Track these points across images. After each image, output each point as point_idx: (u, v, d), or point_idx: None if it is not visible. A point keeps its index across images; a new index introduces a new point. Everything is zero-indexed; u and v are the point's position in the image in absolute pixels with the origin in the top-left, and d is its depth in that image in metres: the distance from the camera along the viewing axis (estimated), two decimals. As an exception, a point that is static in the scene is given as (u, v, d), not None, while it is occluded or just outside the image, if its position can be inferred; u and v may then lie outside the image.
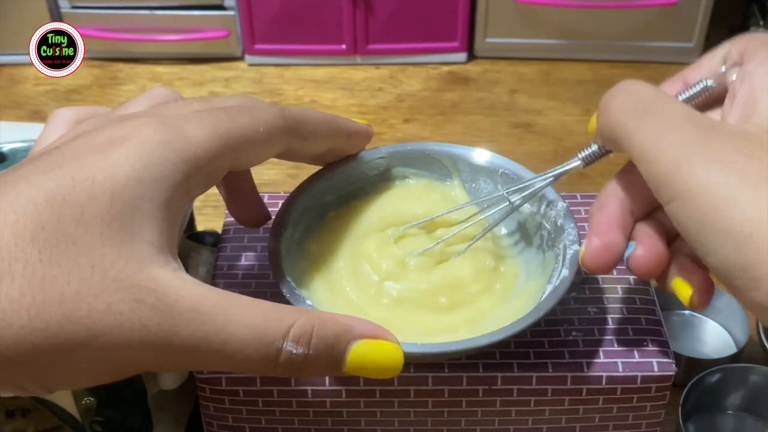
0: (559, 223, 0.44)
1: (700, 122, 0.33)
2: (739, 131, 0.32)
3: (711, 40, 1.04)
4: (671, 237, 0.39)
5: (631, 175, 0.38)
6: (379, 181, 0.48)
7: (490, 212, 0.45)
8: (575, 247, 0.42)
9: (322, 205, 0.47)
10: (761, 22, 1.03)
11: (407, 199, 0.48)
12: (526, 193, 0.44)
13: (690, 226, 0.31)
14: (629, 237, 0.39)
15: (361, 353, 0.33)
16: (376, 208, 0.47)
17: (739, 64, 0.37)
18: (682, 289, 0.37)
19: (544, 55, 1.07)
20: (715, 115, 0.38)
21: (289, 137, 0.36)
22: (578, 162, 0.41)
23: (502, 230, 0.47)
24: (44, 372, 0.29)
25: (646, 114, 0.34)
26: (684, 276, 0.37)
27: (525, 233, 0.47)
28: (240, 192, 0.42)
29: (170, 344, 0.29)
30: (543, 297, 0.41)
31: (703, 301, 0.37)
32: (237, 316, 0.30)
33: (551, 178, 0.43)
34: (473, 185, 0.48)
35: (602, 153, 0.40)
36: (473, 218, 0.45)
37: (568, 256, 0.42)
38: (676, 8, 1.02)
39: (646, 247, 0.38)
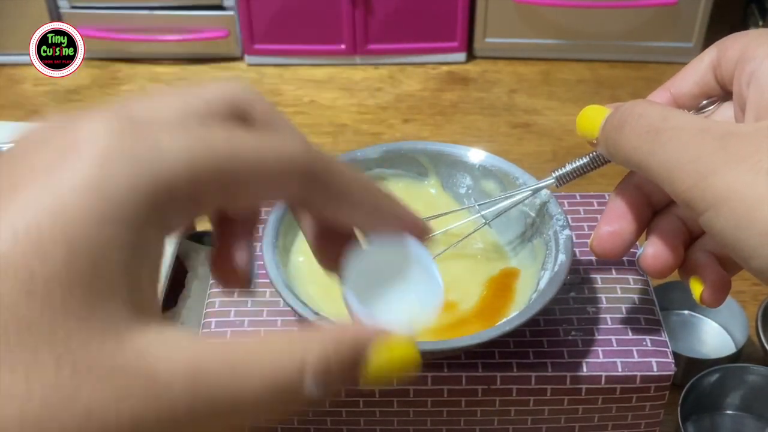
0: (545, 210, 0.44)
1: (714, 130, 0.32)
2: (758, 129, 0.32)
3: (710, 40, 1.03)
4: (694, 232, 0.39)
5: None
6: None
7: (463, 222, 0.47)
8: (566, 232, 0.43)
9: None
10: (760, 22, 1.03)
11: None
12: (499, 207, 0.45)
13: (727, 233, 0.31)
14: (645, 226, 0.39)
15: (380, 363, 0.26)
16: None
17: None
18: (695, 286, 0.38)
19: (544, 55, 1.07)
20: (725, 113, 0.38)
21: (309, 185, 0.25)
22: (552, 181, 0.43)
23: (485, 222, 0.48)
24: None
25: (657, 135, 0.33)
26: (698, 273, 0.38)
27: (509, 223, 0.47)
28: (231, 239, 0.30)
29: (176, 420, 0.23)
30: (541, 284, 0.42)
31: (715, 299, 0.37)
32: (243, 367, 0.24)
33: (524, 194, 0.44)
34: (451, 180, 0.49)
35: (576, 174, 0.42)
36: (450, 223, 0.47)
37: (561, 241, 0.43)
38: (675, 8, 1.02)
39: (656, 247, 0.38)
